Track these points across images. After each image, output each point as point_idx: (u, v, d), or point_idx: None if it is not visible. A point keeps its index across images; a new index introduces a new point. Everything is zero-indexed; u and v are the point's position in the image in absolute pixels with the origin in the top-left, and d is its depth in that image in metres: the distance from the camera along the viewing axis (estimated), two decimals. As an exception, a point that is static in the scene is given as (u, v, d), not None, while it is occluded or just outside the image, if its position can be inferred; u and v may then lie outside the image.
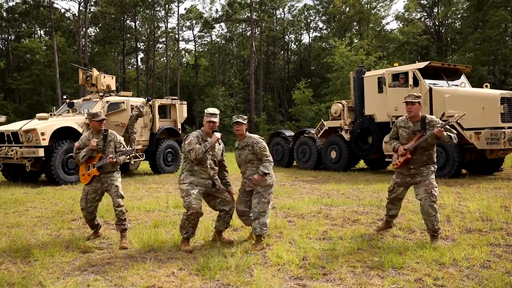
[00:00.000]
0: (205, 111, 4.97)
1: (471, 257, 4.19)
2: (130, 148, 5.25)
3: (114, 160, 5.05)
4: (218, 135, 4.85)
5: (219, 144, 5.02)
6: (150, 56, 45.11)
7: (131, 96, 14.23)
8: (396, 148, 5.02)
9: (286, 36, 47.71)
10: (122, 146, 5.28)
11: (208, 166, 4.85)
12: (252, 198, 4.89)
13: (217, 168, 5.02)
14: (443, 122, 4.80)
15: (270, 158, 4.88)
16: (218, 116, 4.92)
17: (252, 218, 4.79)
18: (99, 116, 5.18)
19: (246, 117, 5.02)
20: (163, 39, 45.31)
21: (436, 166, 4.98)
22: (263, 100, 40.41)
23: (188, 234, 4.75)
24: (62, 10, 45.28)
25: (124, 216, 5.06)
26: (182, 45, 53.86)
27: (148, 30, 44.92)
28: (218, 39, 47.44)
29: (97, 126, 5.17)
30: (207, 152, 4.76)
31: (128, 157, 5.30)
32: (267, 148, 4.89)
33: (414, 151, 4.83)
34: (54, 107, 15.58)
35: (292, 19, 45.93)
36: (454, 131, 4.85)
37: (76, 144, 5.25)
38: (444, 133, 4.68)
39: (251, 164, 4.91)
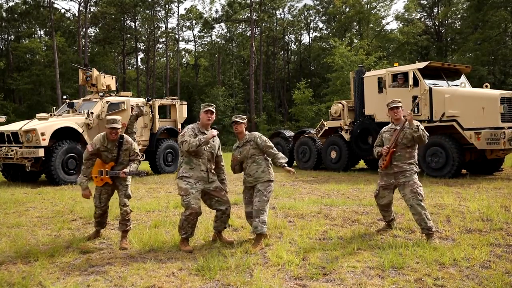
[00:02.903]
0: (201, 105, 5.00)
1: (471, 257, 4.19)
2: (143, 171, 5.22)
3: (127, 176, 5.07)
4: (215, 132, 4.87)
5: (213, 141, 4.99)
6: (150, 56, 45.11)
7: (131, 96, 14.23)
8: (380, 151, 5.22)
9: (286, 36, 47.73)
10: (136, 154, 5.23)
11: (206, 158, 4.84)
12: (254, 197, 4.93)
13: (214, 161, 5.00)
14: (418, 123, 5.07)
15: (275, 149, 5.07)
16: (214, 108, 4.97)
17: (253, 216, 4.82)
18: (110, 123, 4.99)
19: (245, 116, 5.08)
20: (163, 39, 45.34)
21: (418, 167, 5.13)
22: (263, 100, 40.42)
23: (187, 234, 4.75)
24: (62, 10, 45.42)
25: (129, 217, 5.08)
26: (182, 45, 54.03)
27: (148, 30, 44.93)
28: (218, 39, 47.54)
29: (108, 133, 5.05)
30: (201, 146, 4.73)
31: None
32: (269, 140, 5.05)
33: (396, 145, 5.04)
34: (54, 107, 15.57)
35: (292, 19, 45.93)
36: (427, 133, 5.06)
37: (89, 148, 5.10)
38: (414, 122, 4.91)
39: (252, 159, 4.97)
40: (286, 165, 5.03)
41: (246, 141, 5.01)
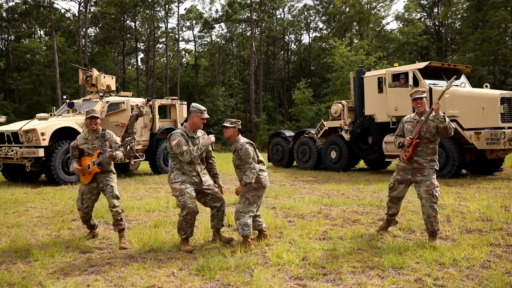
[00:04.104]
0: (195, 107, 4.86)
1: (471, 257, 4.19)
2: (130, 139, 5.22)
3: (114, 154, 5.01)
4: (213, 138, 4.85)
5: (213, 148, 5.04)
6: (150, 56, 45.11)
7: (131, 96, 14.23)
8: (401, 142, 4.94)
9: (286, 36, 47.73)
10: (119, 145, 5.24)
11: (196, 163, 4.85)
12: None
13: (204, 162, 5.03)
14: (444, 114, 4.86)
15: (253, 165, 4.67)
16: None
17: (234, 218, 4.79)
18: (89, 113, 5.16)
19: (235, 120, 4.89)
20: (163, 39, 45.34)
21: (438, 165, 4.93)
22: (263, 100, 40.40)
23: (186, 234, 4.75)
24: (62, 10, 45.42)
25: (121, 216, 5.06)
26: (182, 45, 53.98)
27: (148, 30, 44.94)
28: (218, 39, 47.53)
29: (87, 123, 5.18)
30: (202, 154, 4.76)
31: (126, 149, 5.28)
32: (250, 154, 4.70)
33: (419, 138, 4.79)
34: (54, 107, 15.57)
35: (292, 19, 45.94)
36: (453, 126, 4.83)
37: (72, 143, 5.22)
38: (441, 113, 4.70)
39: (239, 169, 4.84)
40: (244, 183, 4.64)
41: (234, 150, 4.85)
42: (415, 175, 4.86)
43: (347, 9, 41.19)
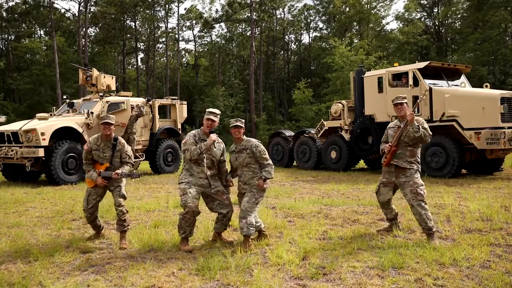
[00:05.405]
0: (207, 110, 4.99)
1: (471, 257, 4.19)
2: (136, 173, 5.13)
3: (119, 177, 5.08)
4: (214, 137, 4.83)
5: (215, 147, 4.94)
6: (150, 56, 45.09)
7: (131, 96, 14.23)
8: (383, 149, 5.19)
9: (286, 36, 47.70)
10: (128, 157, 5.24)
11: (205, 165, 4.85)
12: (244, 196, 4.91)
13: (215, 168, 5.00)
14: (423, 120, 5.06)
15: (271, 162, 4.93)
16: (218, 116, 4.92)
17: (239, 216, 4.78)
18: (103, 119, 5.11)
19: (243, 120, 5.03)
20: (163, 39, 45.35)
21: (420, 166, 5.07)
22: (263, 100, 40.38)
23: (186, 233, 4.75)
24: (62, 10, 45.37)
25: (125, 217, 5.06)
26: (182, 45, 54.04)
27: (148, 30, 44.94)
28: (218, 39, 47.50)
29: (101, 129, 5.14)
30: (202, 153, 4.76)
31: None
32: (266, 151, 4.94)
33: (398, 143, 5.00)
34: (54, 107, 15.56)
35: (292, 19, 45.91)
36: (430, 132, 5.01)
37: (85, 147, 5.21)
38: (415, 122, 4.88)
39: (248, 167, 4.90)
40: (265, 179, 4.81)
41: (243, 148, 4.89)
42: (399, 177, 5.04)
43: (347, 9, 41.19)
